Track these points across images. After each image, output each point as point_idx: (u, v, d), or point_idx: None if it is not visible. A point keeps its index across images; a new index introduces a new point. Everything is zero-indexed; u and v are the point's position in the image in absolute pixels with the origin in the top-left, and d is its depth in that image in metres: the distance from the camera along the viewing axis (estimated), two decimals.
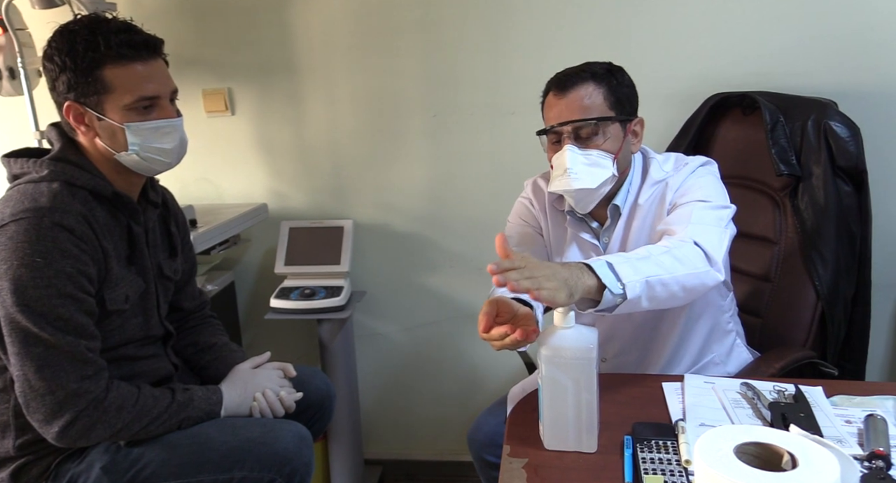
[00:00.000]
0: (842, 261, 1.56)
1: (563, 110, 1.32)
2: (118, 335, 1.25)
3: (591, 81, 1.32)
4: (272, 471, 1.24)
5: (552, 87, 1.36)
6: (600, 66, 1.36)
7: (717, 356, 1.44)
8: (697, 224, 1.23)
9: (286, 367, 1.44)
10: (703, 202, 1.28)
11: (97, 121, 1.22)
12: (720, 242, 1.23)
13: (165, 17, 2.09)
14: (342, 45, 2.06)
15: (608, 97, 1.32)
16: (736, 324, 1.50)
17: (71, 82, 1.19)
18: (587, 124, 1.30)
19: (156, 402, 1.22)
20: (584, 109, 1.31)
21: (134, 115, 1.22)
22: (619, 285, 1.06)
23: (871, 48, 1.81)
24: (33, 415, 1.14)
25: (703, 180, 1.34)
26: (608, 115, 1.32)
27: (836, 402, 1.10)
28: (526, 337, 1.04)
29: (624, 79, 1.37)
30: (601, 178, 1.30)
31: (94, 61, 1.18)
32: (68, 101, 1.21)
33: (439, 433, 2.32)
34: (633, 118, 1.38)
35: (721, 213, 1.29)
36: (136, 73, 1.21)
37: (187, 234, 1.51)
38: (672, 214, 1.31)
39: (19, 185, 1.20)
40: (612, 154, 1.32)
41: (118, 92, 1.20)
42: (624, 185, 1.39)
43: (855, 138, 1.57)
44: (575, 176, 1.29)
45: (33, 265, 1.10)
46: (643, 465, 0.95)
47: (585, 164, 1.30)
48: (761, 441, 0.73)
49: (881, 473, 0.89)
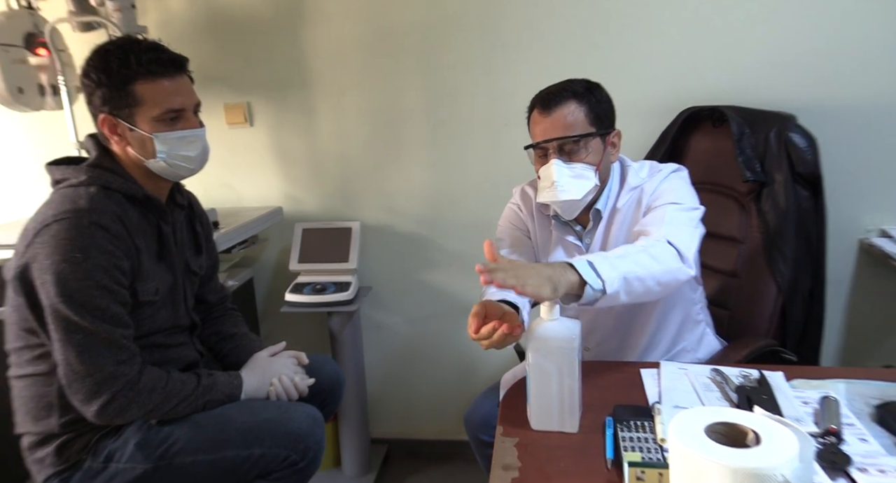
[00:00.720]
0: (800, 258, 1.57)
1: (548, 128, 1.31)
2: (149, 324, 1.26)
3: (574, 100, 1.31)
4: (288, 448, 1.25)
5: (537, 105, 1.35)
6: (580, 83, 1.34)
7: (689, 344, 1.45)
8: (670, 224, 1.23)
9: (300, 356, 1.45)
10: (675, 204, 1.28)
11: (129, 131, 1.22)
12: (691, 240, 1.23)
13: (191, 38, 2.10)
14: (351, 63, 2.07)
15: (588, 114, 1.32)
16: (706, 315, 1.51)
17: (106, 96, 1.20)
18: (571, 141, 1.30)
19: (183, 386, 1.23)
20: (568, 127, 1.30)
21: (161, 126, 1.23)
22: (599, 281, 1.07)
23: (827, 68, 1.82)
24: (75, 395, 1.15)
25: (675, 184, 1.34)
26: (590, 131, 1.31)
27: (795, 386, 1.11)
28: (512, 331, 1.05)
29: (602, 95, 1.36)
30: (585, 188, 1.31)
31: (127, 77, 1.19)
32: (103, 113, 1.22)
33: (439, 415, 2.33)
34: (611, 131, 1.37)
35: (692, 214, 1.29)
36: (163, 88, 1.22)
37: (211, 233, 1.52)
38: (648, 216, 1.31)
39: (60, 189, 1.21)
40: (594, 166, 1.32)
41: (148, 105, 1.21)
42: (604, 191, 1.39)
43: (812, 148, 1.58)
44: (562, 188, 1.30)
45: (73, 260, 1.11)
46: (623, 443, 0.95)
47: (570, 177, 1.30)
48: (728, 421, 0.73)
49: (833, 448, 0.90)
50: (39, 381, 1.21)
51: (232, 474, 1.24)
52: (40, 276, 1.12)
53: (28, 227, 1.17)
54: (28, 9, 1.90)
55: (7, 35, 1.79)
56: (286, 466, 1.26)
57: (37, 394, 1.21)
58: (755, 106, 1.72)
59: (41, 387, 1.21)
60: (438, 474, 2.24)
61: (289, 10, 2.05)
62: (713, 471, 0.66)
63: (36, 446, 1.23)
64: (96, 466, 1.20)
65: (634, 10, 1.89)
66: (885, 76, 1.80)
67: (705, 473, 0.67)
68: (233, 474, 1.24)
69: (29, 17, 1.88)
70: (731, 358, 1.37)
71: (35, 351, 1.20)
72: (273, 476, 1.27)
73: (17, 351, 1.22)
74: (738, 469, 0.65)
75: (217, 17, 2.09)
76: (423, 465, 2.30)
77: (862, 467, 0.88)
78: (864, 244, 1.89)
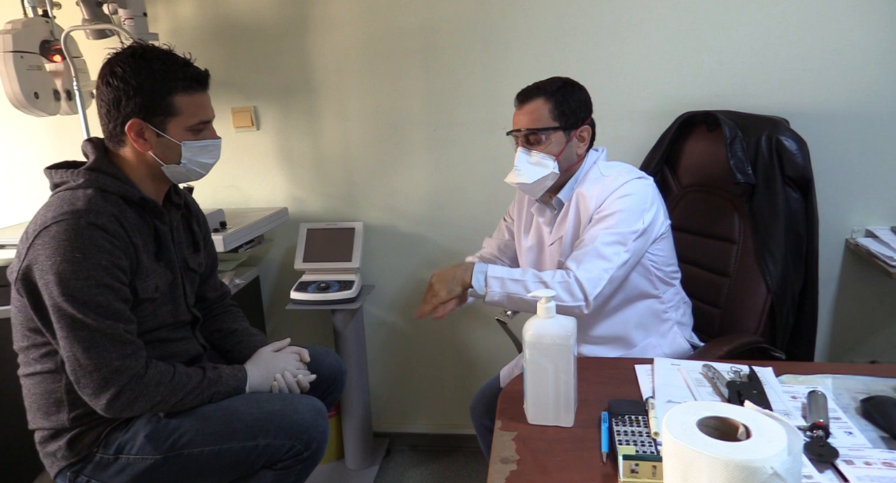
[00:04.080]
0: (789, 259, 1.56)
1: (519, 119, 1.45)
2: (151, 320, 1.26)
3: (542, 97, 1.42)
4: (292, 438, 1.25)
5: (516, 99, 1.47)
6: (556, 82, 1.44)
7: (655, 340, 1.48)
8: (591, 259, 1.32)
9: (301, 352, 1.44)
10: (609, 229, 1.34)
11: (156, 137, 1.23)
12: (600, 278, 1.31)
13: (200, 44, 2.10)
14: (354, 69, 2.07)
15: (553, 110, 1.41)
16: (678, 315, 1.52)
17: (142, 103, 1.20)
18: (532, 132, 1.42)
19: (189, 379, 1.22)
20: (533, 120, 1.42)
21: (190, 135, 1.25)
22: (483, 289, 1.33)
23: (818, 74, 1.82)
24: (83, 389, 1.14)
25: (623, 202, 1.37)
26: (551, 126, 1.41)
27: (783, 381, 1.11)
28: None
29: (574, 94, 1.44)
30: (539, 174, 1.42)
31: (170, 88, 1.21)
32: (134, 118, 1.21)
33: (439, 409, 2.33)
34: (579, 127, 1.43)
35: (623, 238, 1.34)
36: (199, 101, 1.26)
37: (208, 232, 1.51)
38: (585, 234, 1.38)
39: (59, 192, 1.20)
40: (553, 155, 1.42)
41: (184, 115, 1.23)
42: (569, 182, 1.47)
43: (802, 151, 1.58)
44: (519, 172, 1.43)
45: (74, 260, 1.10)
46: (618, 436, 0.95)
47: (529, 163, 1.42)
48: (720, 415, 0.73)
49: (821, 441, 0.91)
50: (48, 378, 1.21)
51: (238, 464, 1.24)
52: (42, 276, 1.11)
53: (28, 229, 1.16)
54: (44, 17, 1.90)
55: (24, 42, 1.79)
56: (291, 456, 1.26)
57: (46, 390, 1.21)
58: (748, 110, 1.72)
59: (50, 383, 1.21)
60: (439, 467, 2.24)
61: (294, 17, 2.05)
62: (705, 463, 0.66)
63: (48, 440, 1.23)
64: (107, 459, 1.20)
65: (633, 19, 1.89)
66: (874, 82, 1.80)
67: (697, 466, 0.67)
68: (239, 464, 1.24)
69: (44, 25, 1.88)
70: (714, 353, 1.38)
71: (41, 349, 1.20)
72: (278, 466, 1.27)
73: (24, 350, 1.22)
74: (729, 462, 0.65)
75: (225, 25, 2.09)
76: (424, 458, 2.30)
77: (848, 460, 0.88)
78: (850, 244, 1.89)
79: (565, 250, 1.45)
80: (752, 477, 0.64)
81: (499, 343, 2.11)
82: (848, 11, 1.78)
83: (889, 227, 1.87)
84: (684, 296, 1.56)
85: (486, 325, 2.19)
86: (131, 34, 1.81)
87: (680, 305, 1.53)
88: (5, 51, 1.75)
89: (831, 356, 2.00)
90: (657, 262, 1.45)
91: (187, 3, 2.08)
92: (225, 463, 1.23)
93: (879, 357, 1.96)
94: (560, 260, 1.45)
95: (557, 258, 1.47)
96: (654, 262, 1.44)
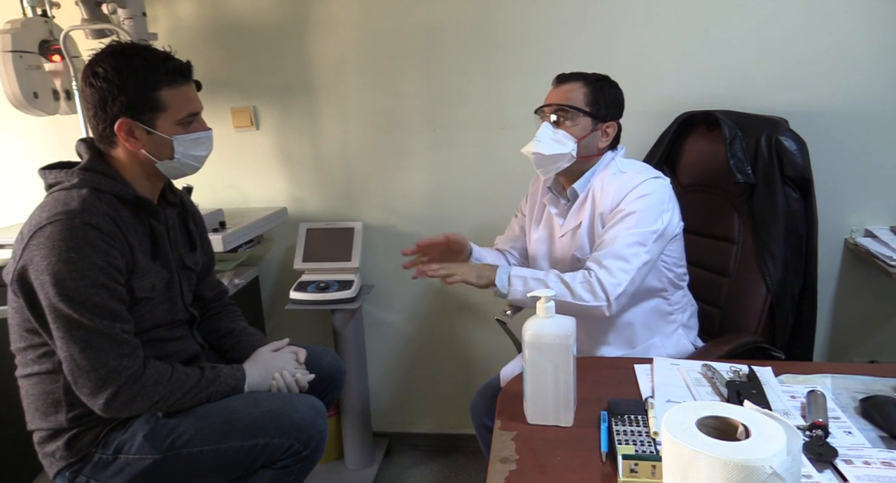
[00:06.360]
0: (789, 258, 1.56)
1: (552, 96, 1.46)
2: (149, 319, 1.25)
3: (581, 81, 1.44)
4: (291, 437, 1.25)
5: (554, 80, 1.49)
6: (596, 74, 1.47)
7: (659, 340, 1.48)
8: (612, 259, 1.33)
9: (298, 352, 1.44)
10: (629, 230, 1.34)
11: (147, 134, 1.22)
12: (621, 279, 1.32)
13: (199, 44, 2.10)
14: (353, 69, 2.07)
15: (588, 96, 1.43)
16: (683, 317, 1.52)
17: (127, 102, 1.19)
18: (562, 108, 1.43)
19: (187, 378, 1.22)
20: (566, 98, 1.43)
21: (180, 129, 1.24)
22: (506, 288, 1.35)
23: (818, 74, 1.82)
24: (81, 389, 1.14)
25: (642, 202, 1.37)
26: (582, 109, 1.43)
27: (783, 381, 1.11)
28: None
29: (611, 90, 1.46)
30: (557, 150, 1.42)
31: (153, 84, 1.19)
32: (122, 117, 1.20)
33: (439, 409, 2.33)
34: (607, 121, 1.45)
35: (643, 239, 1.34)
36: (185, 94, 1.24)
37: (205, 231, 1.51)
38: (604, 234, 1.38)
39: (54, 192, 1.20)
40: (575, 138, 1.42)
41: (172, 110, 1.22)
42: (586, 174, 1.47)
43: (802, 151, 1.58)
44: (538, 142, 1.43)
45: (69, 260, 1.10)
46: (617, 436, 0.95)
47: (551, 138, 1.43)
48: (719, 415, 0.73)
49: (820, 441, 0.90)
50: (45, 379, 1.20)
51: (237, 463, 1.24)
52: (38, 277, 1.11)
53: (23, 230, 1.16)
54: (43, 17, 1.90)
55: (23, 42, 1.79)
56: (290, 455, 1.26)
57: (43, 391, 1.21)
58: (747, 110, 1.72)
59: (47, 384, 1.20)
60: (439, 467, 2.24)
61: (294, 17, 2.05)
62: (704, 463, 0.66)
63: (46, 441, 1.22)
64: (106, 458, 1.20)
65: (633, 19, 1.89)
66: (874, 82, 1.80)
67: (697, 466, 0.67)
68: (238, 463, 1.24)
69: (44, 25, 1.88)
70: (714, 353, 1.38)
71: (38, 350, 1.19)
72: (277, 465, 1.26)
73: (21, 351, 1.22)
74: (728, 461, 0.65)
75: (225, 25, 2.09)
76: (423, 458, 2.29)
77: (847, 459, 0.88)
78: (849, 244, 1.89)
79: (580, 242, 1.45)
80: (751, 476, 0.64)
81: (499, 343, 2.11)
82: (847, 11, 1.78)
83: (888, 226, 1.87)
84: (692, 299, 1.56)
85: (486, 325, 2.19)
86: (130, 34, 1.81)
87: (687, 308, 1.53)
88: (4, 50, 1.75)
89: (830, 356, 2.00)
90: (668, 263, 1.45)
91: (187, 3, 2.08)
92: (224, 462, 1.23)
93: (879, 357, 1.96)
94: (574, 254, 1.45)
95: (569, 250, 1.47)
96: (665, 263, 1.44)
